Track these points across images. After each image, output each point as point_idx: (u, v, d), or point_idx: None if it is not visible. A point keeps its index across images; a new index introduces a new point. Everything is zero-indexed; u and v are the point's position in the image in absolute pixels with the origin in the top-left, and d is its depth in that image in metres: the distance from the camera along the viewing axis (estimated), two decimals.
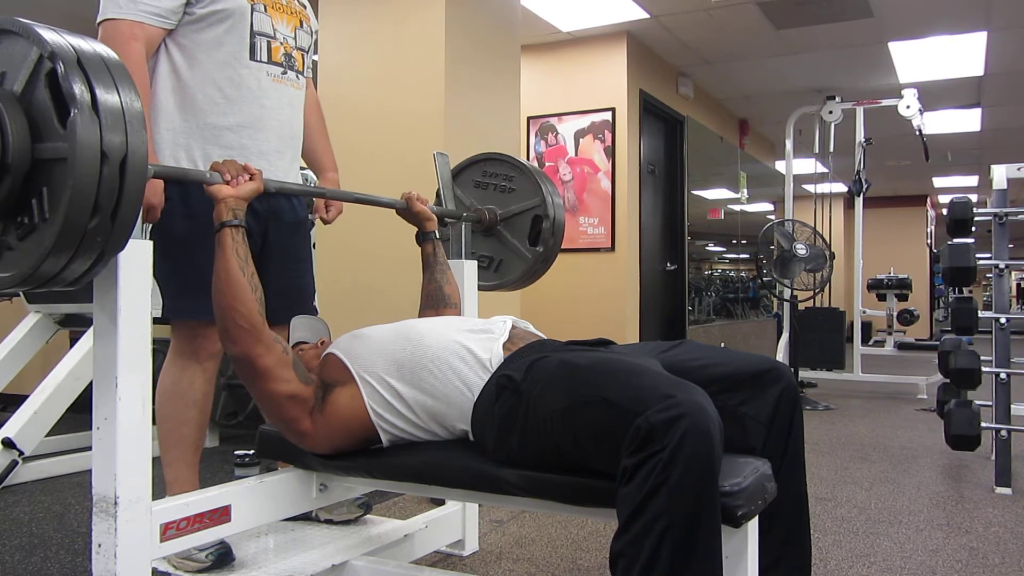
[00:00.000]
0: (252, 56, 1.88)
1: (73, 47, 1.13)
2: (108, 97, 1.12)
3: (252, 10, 1.87)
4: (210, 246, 1.49)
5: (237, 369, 1.50)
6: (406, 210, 1.98)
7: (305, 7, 2.06)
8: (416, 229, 2.02)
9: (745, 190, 7.55)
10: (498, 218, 2.26)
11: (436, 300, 1.94)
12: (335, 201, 2.18)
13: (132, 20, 1.75)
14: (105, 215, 1.12)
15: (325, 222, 2.20)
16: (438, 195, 2.26)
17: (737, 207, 7.61)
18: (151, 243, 1.36)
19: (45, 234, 1.12)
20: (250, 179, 1.53)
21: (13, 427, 3.04)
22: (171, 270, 1.85)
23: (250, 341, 1.45)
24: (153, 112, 1.83)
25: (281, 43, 1.94)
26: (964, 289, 3.45)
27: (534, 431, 1.32)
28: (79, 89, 1.10)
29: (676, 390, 1.17)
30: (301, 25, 2.01)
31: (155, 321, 1.87)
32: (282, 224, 2.01)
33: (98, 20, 1.77)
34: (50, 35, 1.13)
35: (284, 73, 1.95)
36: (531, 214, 2.23)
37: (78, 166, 1.08)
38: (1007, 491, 3.03)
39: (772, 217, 8.63)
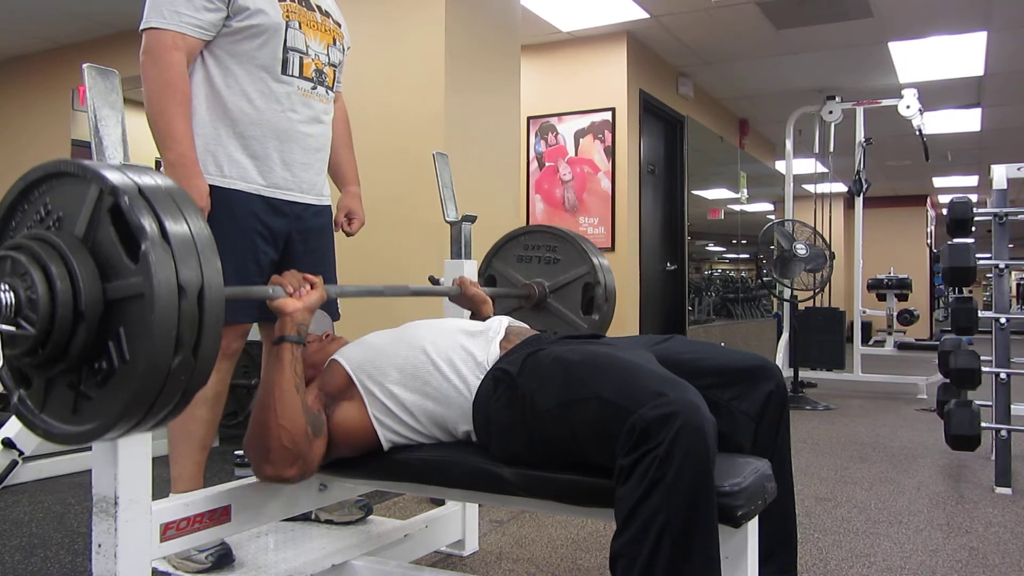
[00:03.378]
0: (284, 71, 1.93)
1: (135, 181, 1.07)
2: (177, 228, 1.05)
3: (287, 27, 1.92)
4: (236, 249, 1.50)
5: (253, 463, 1.44)
6: (460, 296, 2.00)
7: (340, 26, 2.12)
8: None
9: (745, 190, 7.55)
10: (547, 291, 2.22)
11: None
12: (357, 215, 2.23)
13: (175, 31, 1.80)
14: (187, 351, 1.04)
15: (348, 234, 2.24)
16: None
17: (737, 207, 7.61)
18: None
19: (127, 377, 1.04)
20: (311, 288, 1.52)
21: (13, 427, 3.04)
22: None
23: (287, 463, 1.40)
24: None
25: (313, 59, 1.99)
26: (964, 289, 3.45)
27: (534, 425, 1.33)
28: (147, 221, 1.03)
29: (668, 387, 1.18)
30: (334, 43, 2.07)
31: None
32: (306, 228, 2.05)
33: (141, 27, 1.83)
34: (109, 172, 1.07)
35: (314, 88, 2.00)
36: (581, 282, 2.19)
37: (156, 300, 1.00)
38: (1007, 491, 3.03)
39: (772, 217, 8.63)
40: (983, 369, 3.14)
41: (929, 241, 13.44)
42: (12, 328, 1.04)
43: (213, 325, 1.07)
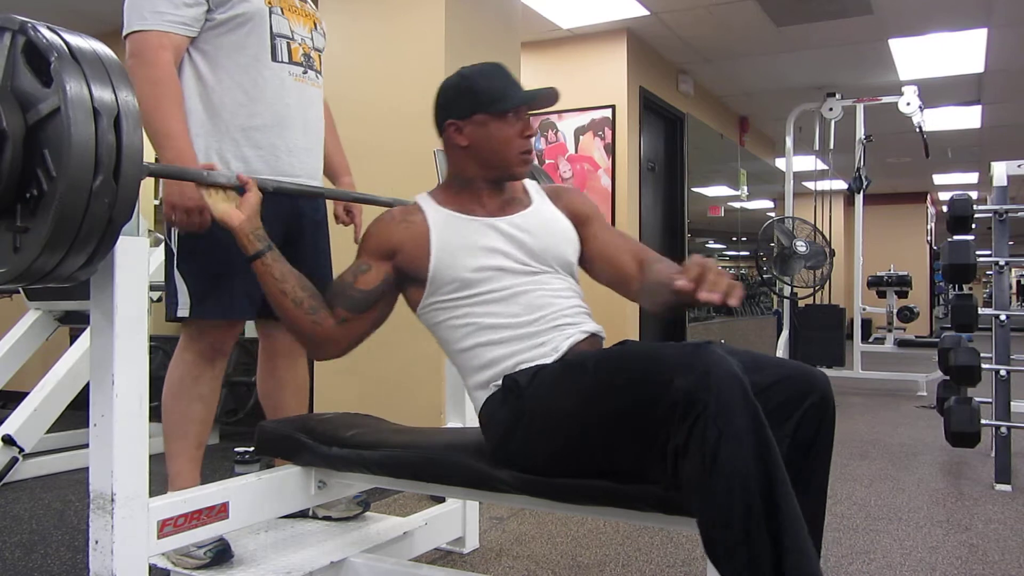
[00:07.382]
0: (274, 57, 1.92)
1: (43, 24, 1.14)
2: (85, 46, 1.13)
3: (270, 13, 1.91)
4: (231, 247, 1.52)
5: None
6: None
7: (316, 12, 2.11)
8: None
9: (745, 187, 7.54)
10: None
11: None
12: (355, 207, 2.22)
13: (160, 31, 1.78)
14: (108, 174, 1.10)
15: (345, 224, 2.23)
16: None
17: (737, 204, 7.60)
18: (147, 240, 1.36)
19: (53, 195, 1.09)
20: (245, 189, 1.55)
21: (13, 424, 3.04)
22: (196, 271, 1.87)
23: (318, 349, 1.59)
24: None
25: (300, 44, 1.98)
26: (964, 286, 3.45)
27: (536, 436, 1.32)
28: (56, 40, 1.11)
29: (688, 352, 1.15)
30: (316, 27, 2.07)
31: (178, 320, 1.88)
32: (304, 224, 2.04)
33: (124, 33, 1.80)
34: (18, 18, 1.15)
35: (305, 72, 1.99)
36: None
37: (71, 109, 1.07)
38: (1007, 488, 3.03)
39: (772, 214, 8.62)
40: (983, 366, 3.14)
41: (929, 238, 13.42)
42: None
43: (134, 150, 1.13)
